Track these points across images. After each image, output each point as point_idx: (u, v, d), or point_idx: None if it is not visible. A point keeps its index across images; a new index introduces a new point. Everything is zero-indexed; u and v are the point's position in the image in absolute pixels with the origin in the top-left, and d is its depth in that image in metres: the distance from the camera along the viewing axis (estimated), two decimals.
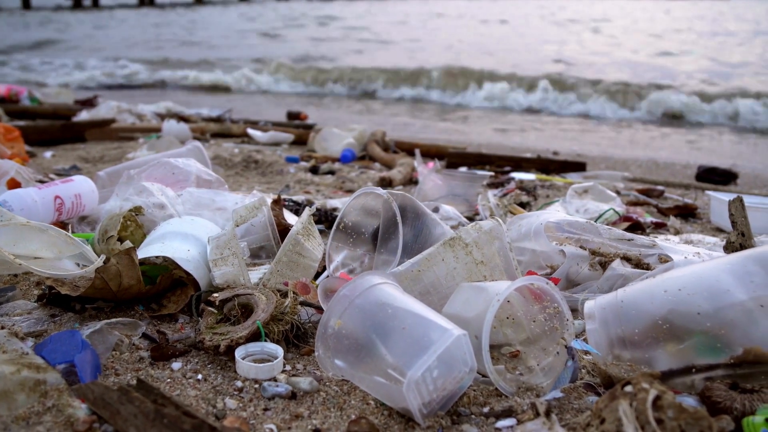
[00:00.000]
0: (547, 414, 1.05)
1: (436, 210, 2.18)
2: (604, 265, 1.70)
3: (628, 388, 1.01)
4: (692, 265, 1.33)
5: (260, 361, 1.26)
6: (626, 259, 1.71)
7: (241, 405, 1.14)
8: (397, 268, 1.39)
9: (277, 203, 1.91)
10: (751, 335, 1.17)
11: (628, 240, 1.70)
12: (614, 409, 0.98)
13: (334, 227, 1.66)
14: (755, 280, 1.20)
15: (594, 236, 1.72)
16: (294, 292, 1.39)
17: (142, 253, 1.49)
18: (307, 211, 1.65)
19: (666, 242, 1.77)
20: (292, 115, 5.28)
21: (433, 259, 1.38)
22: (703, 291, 1.21)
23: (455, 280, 1.39)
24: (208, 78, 9.59)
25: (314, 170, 3.37)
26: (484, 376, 1.22)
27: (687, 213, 2.83)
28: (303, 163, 3.55)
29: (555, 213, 1.76)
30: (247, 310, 1.35)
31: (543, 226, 1.64)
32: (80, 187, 1.96)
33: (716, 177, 3.70)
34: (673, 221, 2.60)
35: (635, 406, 0.96)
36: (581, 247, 1.73)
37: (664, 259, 1.67)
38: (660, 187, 3.37)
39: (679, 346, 1.23)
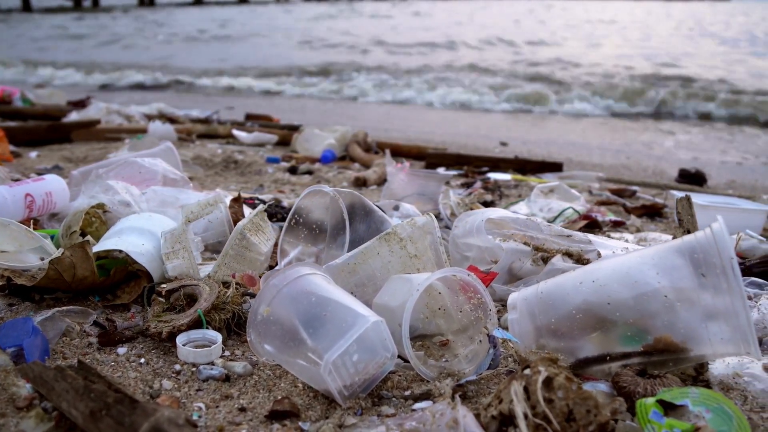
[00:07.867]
0: (452, 396, 1.13)
1: (396, 208, 2.26)
2: (546, 261, 1.78)
3: (527, 371, 1.09)
4: (613, 258, 1.40)
5: (201, 347, 1.34)
6: (568, 254, 1.79)
7: (176, 386, 1.22)
8: (334, 261, 1.47)
9: (237, 201, 1.99)
10: (666, 323, 1.21)
11: (567, 236, 1.77)
12: (509, 390, 1.06)
13: (285, 224, 1.74)
14: (668, 271, 1.24)
15: (537, 233, 1.80)
16: (238, 283, 1.47)
17: (99, 246, 1.57)
18: (260, 207, 1.73)
19: (604, 239, 1.84)
20: (251, 117, 5.33)
21: (369, 253, 1.46)
22: (614, 282, 1.28)
23: (390, 272, 1.46)
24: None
25: (293, 170, 3.45)
26: (408, 362, 1.29)
27: (654, 212, 2.90)
28: (283, 164, 3.63)
29: (497, 210, 1.84)
30: (191, 299, 1.43)
31: (484, 223, 1.72)
32: (51, 186, 2.04)
33: (684, 180, 3.78)
34: (633, 220, 2.67)
35: (526, 386, 1.04)
36: (525, 243, 1.81)
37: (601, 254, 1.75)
38: (634, 188, 3.44)
39: (593, 335, 1.30)
